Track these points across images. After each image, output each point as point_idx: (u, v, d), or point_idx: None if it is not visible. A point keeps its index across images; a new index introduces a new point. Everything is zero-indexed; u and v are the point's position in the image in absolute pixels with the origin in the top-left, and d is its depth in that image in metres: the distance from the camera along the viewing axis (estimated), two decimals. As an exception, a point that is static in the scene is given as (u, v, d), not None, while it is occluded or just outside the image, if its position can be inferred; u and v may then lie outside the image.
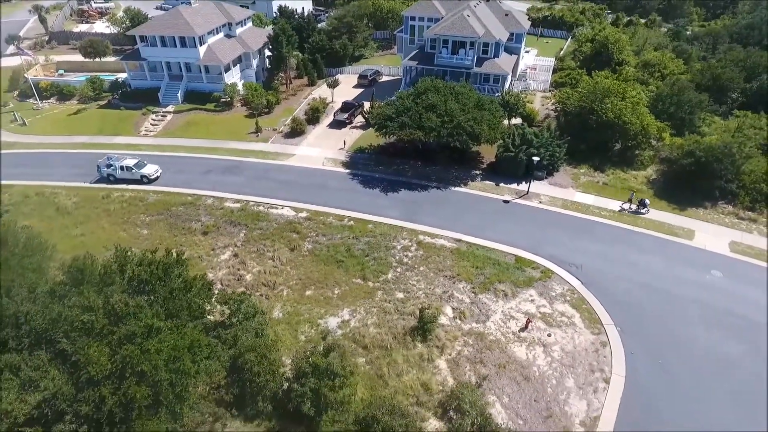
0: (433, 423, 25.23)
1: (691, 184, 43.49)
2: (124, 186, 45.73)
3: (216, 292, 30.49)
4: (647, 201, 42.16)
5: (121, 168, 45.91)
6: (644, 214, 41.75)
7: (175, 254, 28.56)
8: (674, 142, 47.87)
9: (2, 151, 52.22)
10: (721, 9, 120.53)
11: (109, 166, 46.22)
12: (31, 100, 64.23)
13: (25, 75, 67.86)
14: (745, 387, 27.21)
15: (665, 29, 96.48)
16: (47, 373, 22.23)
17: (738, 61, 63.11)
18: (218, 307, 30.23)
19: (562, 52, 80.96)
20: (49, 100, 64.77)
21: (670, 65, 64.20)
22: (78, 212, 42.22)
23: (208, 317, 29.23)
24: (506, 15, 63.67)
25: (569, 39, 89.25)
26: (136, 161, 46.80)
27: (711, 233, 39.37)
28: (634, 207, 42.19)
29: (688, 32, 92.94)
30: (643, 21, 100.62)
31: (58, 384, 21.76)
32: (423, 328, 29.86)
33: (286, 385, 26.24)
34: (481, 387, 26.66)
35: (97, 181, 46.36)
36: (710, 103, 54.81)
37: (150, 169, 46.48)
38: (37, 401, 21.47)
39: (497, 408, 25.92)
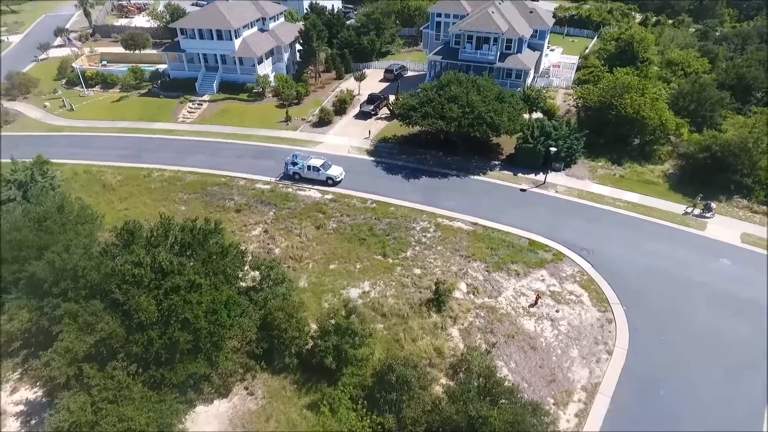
0: (444, 381, 27.33)
1: (706, 178, 44.41)
2: (172, 168, 48.78)
3: (249, 259, 33.14)
4: (713, 205, 40.96)
5: (308, 168, 45.35)
6: (710, 218, 40.56)
7: (213, 223, 31.43)
8: (692, 137, 48.76)
9: (54, 134, 56.75)
10: (755, 10, 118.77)
11: (294, 164, 45.86)
12: (78, 88, 68.63)
13: (73, 65, 72.46)
14: (744, 365, 28.46)
15: (693, 29, 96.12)
16: (102, 318, 25.22)
17: (764, 61, 63.17)
18: (250, 274, 33.00)
19: (587, 51, 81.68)
20: (94, 88, 69.09)
21: (694, 64, 64.68)
22: (122, 189, 45.71)
23: (241, 284, 32.01)
24: (531, 12, 65.12)
25: (595, 38, 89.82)
26: (322, 162, 45.79)
27: (723, 225, 40.36)
28: (698, 211, 41.27)
29: (717, 33, 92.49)
30: (671, 21, 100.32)
31: (112, 327, 24.69)
32: (438, 300, 32.03)
33: (310, 343, 28.70)
34: (490, 353, 28.63)
35: (282, 178, 46.45)
36: (732, 101, 55.32)
37: (336, 171, 45.53)
38: (94, 341, 24.47)
39: (504, 372, 27.86)
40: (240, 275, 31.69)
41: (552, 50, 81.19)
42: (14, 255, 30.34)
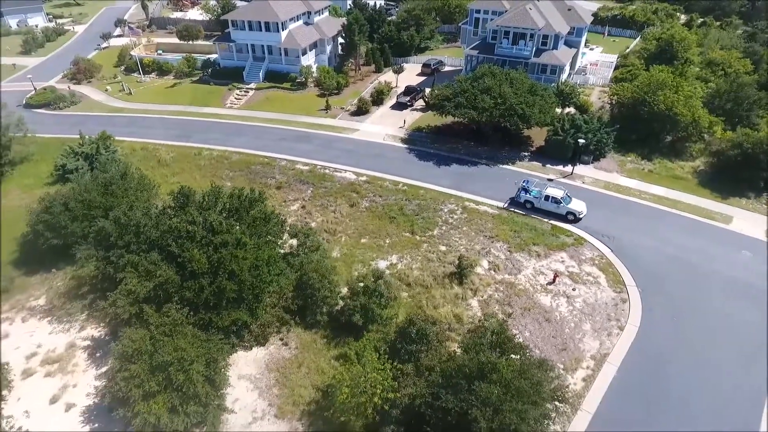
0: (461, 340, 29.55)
1: (736, 175, 44.76)
2: (220, 148, 52.65)
3: (288, 228, 36.19)
4: None
5: (545, 198, 40.46)
6: None
7: (257, 192, 34.62)
8: (725, 135, 48.94)
9: (114, 114, 61.91)
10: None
11: (526, 190, 41.65)
12: (136, 74, 73.96)
13: (131, 53, 78.02)
14: (754, 350, 29.41)
15: (741, 31, 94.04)
16: (159, 267, 28.65)
17: (811, 63, 62.07)
18: (288, 241, 36.06)
19: (627, 50, 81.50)
20: (151, 75, 74.33)
21: (735, 64, 64.09)
22: (174, 165, 49.79)
23: (279, 250, 35.06)
24: (569, 10, 66.03)
25: (638, 38, 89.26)
26: (562, 194, 40.29)
27: (749, 220, 40.79)
28: None
29: (767, 35, 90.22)
30: (718, 23, 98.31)
31: (169, 274, 28.10)
32: (460, 273, 34.21)
33: (340, 303, 31.44)
34: (506, 321, 30.60)
35: (509, 205, 42.11)
36: (770, 102, 54.87)
37: (579, 206, 39.99)
38: (152, 285, 27.91)
39: (518, 339, 29.78)
40: (279, 242, 34.77)
41: (591, 49, 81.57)
42: (84, 213, 34.57)
